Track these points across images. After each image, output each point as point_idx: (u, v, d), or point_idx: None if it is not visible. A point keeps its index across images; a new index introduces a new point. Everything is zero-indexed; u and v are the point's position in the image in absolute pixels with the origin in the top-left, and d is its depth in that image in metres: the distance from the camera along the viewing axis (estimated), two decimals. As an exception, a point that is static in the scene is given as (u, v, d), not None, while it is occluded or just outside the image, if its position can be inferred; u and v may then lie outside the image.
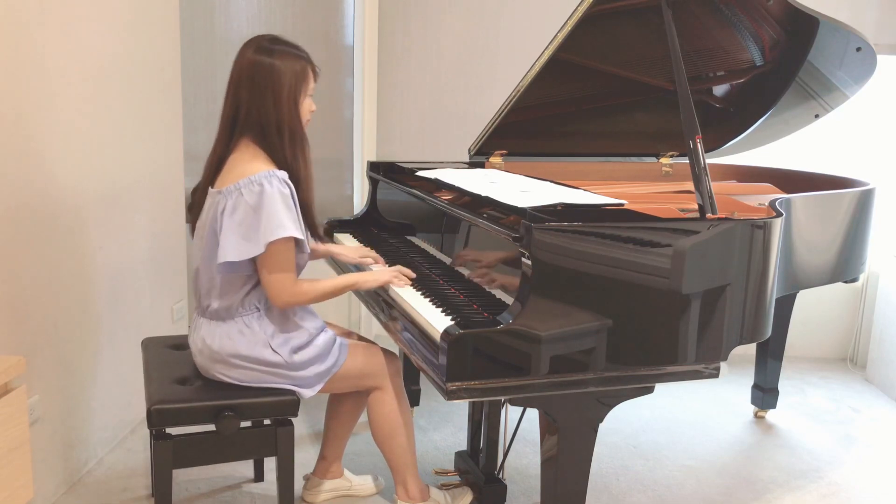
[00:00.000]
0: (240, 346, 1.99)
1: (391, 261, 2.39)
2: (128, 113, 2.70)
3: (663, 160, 3.17)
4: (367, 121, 3.85)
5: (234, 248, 1.89)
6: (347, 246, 2.54)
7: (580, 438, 1.83)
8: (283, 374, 2.02)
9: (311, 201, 2.03)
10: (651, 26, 2.47)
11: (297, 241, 1.94)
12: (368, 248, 2.48)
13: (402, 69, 3.87)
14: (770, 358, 3.15)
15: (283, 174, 1.93)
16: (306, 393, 2.05)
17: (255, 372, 2.01)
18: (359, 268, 2.44)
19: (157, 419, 1.94)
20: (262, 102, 1.94)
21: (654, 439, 3.01)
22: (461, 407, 3.09)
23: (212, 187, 2.01)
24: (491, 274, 2.01)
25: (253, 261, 1.95)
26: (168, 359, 2.22)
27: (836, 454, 2.96)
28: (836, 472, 2.81)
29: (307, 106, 2.02)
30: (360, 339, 2.32)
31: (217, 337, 2.00)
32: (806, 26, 2.63)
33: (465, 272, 2.16)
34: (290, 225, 1.88)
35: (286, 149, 1.97)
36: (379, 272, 2.15)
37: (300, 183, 1.98)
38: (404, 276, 2.14)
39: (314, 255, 2.28)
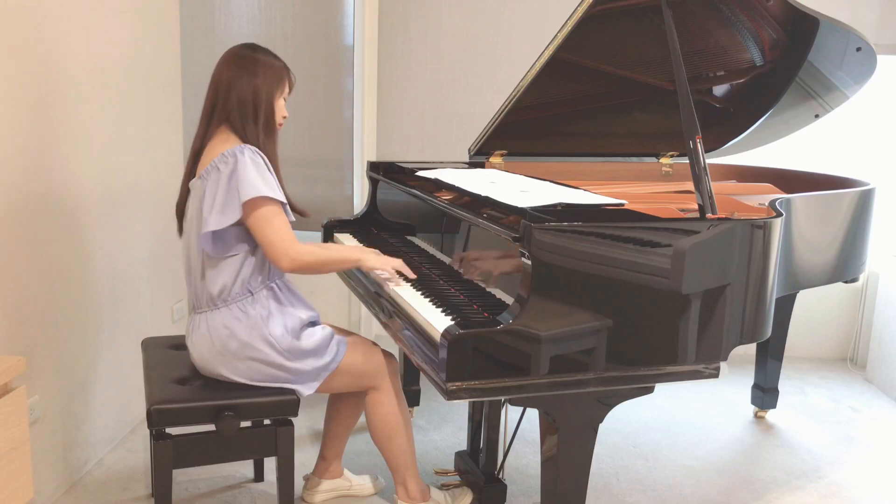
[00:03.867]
0: (238, 332, 1.99)
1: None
2: (128, 113, 2.70)
3: (663, 160, 3.17)
4: (367, 121, 3.85)
5: (214, 219, 1.93)
6: (345, 245, 2.56)
7: (580, 438, 1.83)
8: (281, 364, 2.02)
9: (281, 181, 2.06)
10: (651, 26, 2.47)
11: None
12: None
13: (402, 69, 3.87)
14: (770, 358, 3.15)
15: (254, 148, 1.99)
16: (304, 391, 2.05)
17: (255, 363, 2.01)
18: None
19: (157, 419, 1.94)
20: (242, 83, 2.02)
21: (654, 439, 3.01)
22: (461, 407, 3.09)
23: (191, 181, 2.06)
24: (491, 274, 2.01)
25: (239, 237, 1.99)
26: (168, 359, 2.23)
27: (836, 454, 2.96)
28: (836, 472, 2.81)
29: (280, 107, 2.10)
30: (359, 338, 2.32)
31: (215, 329, 2.01)
32: (806, 26, 2.63)
33: (465, 272, 2.16)
34: (262, 186, 1.93)
35: (259, 132, 2.03)
36: (384, 257, 2.17)
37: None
38: (404, 273, 2.15)
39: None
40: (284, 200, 1.98)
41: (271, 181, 1.96)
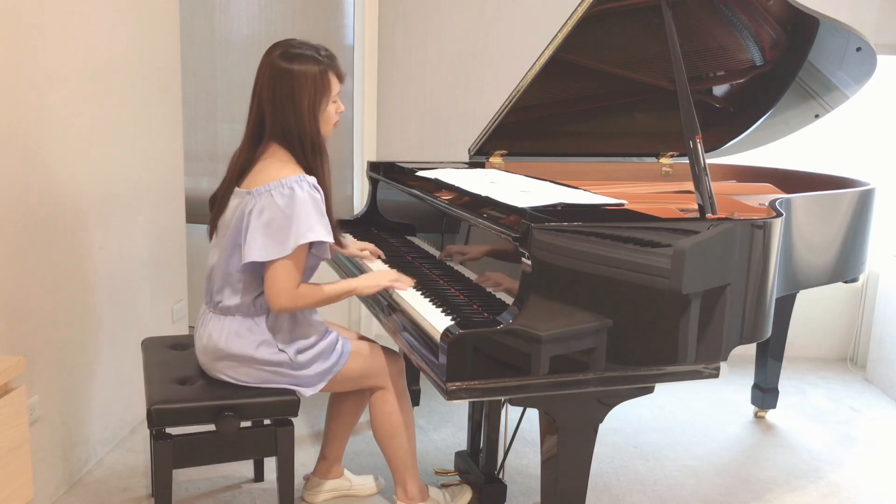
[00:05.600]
0: (247, 343, 1.99)
1: (391, 261, 2.39)
2: (128, 113, 2.70)
3: (663, 160, 3.17)
4: (367, 121, 3.85)
5: (260, 249, 1.88)
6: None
7: (580, 438, 1.83)
8: (286, 373, 2.02)
9: (331, 209, 2.03)
10: (651, 26, 2.47)
11: (320, 245, 1.96)
12: (366, 242, 2.49)
13: (402, 69, 3.87)
14: (770, 358, 3.15)
15: (313, 179, 1.94)
16: (307, 392, 2.06)
17: (259, 371, 2.01)
18: (355, 263, 2.45)
19: (157, 419, 1.94)
20: (283, 111, 1.95)
21: (654, 439, 3.01)
22: (461, 407, 3.09)
23: (238, 187, 2.00)
24: (491, 274, 2.01)
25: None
26: (168, 359, 2.23)
27: (836, 454, 2.96)
28: (836, 472, 2.81)
29: (333, 109, 2.02)
30: (362, 338, 2.32)
31: (225, 333, 2.00)
32: (806, 26, 2.63)
33: (465, 272, 2.16)
34: (320, 229, 1.90)
35: (308, 158, 1.98)
36: (377, 275, 2.12)
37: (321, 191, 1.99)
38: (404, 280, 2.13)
39: None
40: (332, 240, 1.95)
41: (326, 221, 1.93)
